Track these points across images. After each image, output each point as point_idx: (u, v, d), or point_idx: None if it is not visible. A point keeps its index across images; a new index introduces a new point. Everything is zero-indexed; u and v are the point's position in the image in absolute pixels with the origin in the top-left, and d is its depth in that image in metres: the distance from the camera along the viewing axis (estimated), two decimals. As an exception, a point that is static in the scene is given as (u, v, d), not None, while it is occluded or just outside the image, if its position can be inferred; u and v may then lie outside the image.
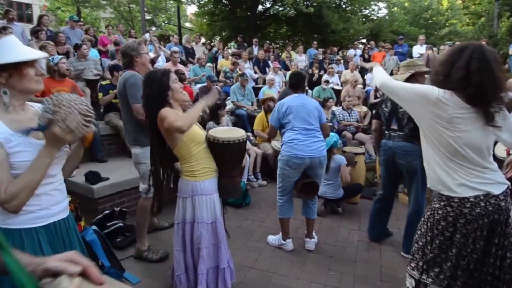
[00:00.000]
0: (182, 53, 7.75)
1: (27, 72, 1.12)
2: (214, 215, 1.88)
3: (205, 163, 1.86)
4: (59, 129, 1.05)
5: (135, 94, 2.35)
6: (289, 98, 2.80)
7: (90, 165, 3.70)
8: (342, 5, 14.51)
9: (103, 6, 18.42)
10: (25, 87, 1.14)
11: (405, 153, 2.54)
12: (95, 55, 5.97)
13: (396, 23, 15.36)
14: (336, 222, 3.42)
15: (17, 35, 5.57)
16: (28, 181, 1.06)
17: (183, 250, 1.92)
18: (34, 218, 1.16)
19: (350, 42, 12.58)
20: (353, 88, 6.97)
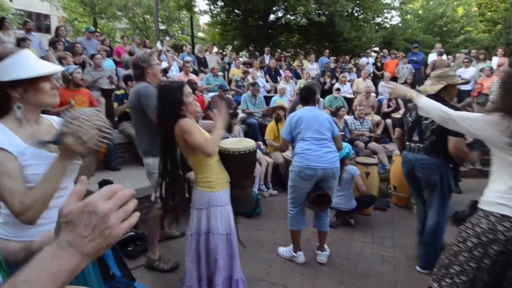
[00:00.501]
0: (195, 63, 7.88)
1: (42, 87, 1.13)
2: (229, 226, 1.89)
3: (219, 174, 1.88)
4: (71, 140, 1.06)
5: (150, 103, 2.38)
6: (300, 110, 2.81)
7: (104, 173, 3.77)
8: (354, 13, 14.51)
9: (119, 17, 19.03)
10: (41, 101, 1.15)
11: (424, 166, 2.46)
12: (110, 65, 6.14)
13: (410, 30, 15.20)
14: (349, 234, 3.34)
15: (35, 46, 5.83)
16: (42, 192, 1.07)
17: (196, 261, 1.91)
18: (45, 231, 1.13)
19: (363, 50, 12.53)
20: (366, 98, 6.90)
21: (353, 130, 5.70)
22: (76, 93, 3.87)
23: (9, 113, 1.11)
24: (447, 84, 2.39)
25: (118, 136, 4.43)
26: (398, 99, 7.24)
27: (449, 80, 2.40)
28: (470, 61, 7.70)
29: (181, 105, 1.80)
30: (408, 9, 16.88)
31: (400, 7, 15.99)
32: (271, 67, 8.43)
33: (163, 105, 1.81)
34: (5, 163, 1.04)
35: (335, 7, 12.22)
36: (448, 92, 2.42)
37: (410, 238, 3.11)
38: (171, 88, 1.83)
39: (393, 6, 15.64)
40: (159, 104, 1.84)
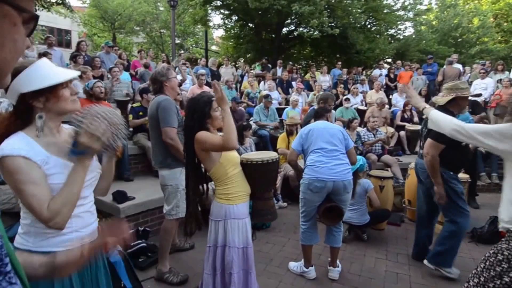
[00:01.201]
0: (208, 75, 8.05)
1: (62, 93, 1.14)
2: (246, 240, 1.87)
3: (239, 187, 1.87)
4: (85, 137, 1.07)
5: (166, 117, 2.45)
6: (312, 123, 2.84)
7: (117, 183, 3.84)
8: (367, 25, 14.53)
9: (137, 32, 19.79)
10: (62, 108, 1.16)
11: (422, 170, 2.67)
12: (126, 78, 6.36)
13: (424, 42, 15.04)
14: (361, 249, 3.25)
15: (56, 59, 6.12)
16: (68, 195, 1.07)
17: (213, 274, 1.91)
18: (65, 240, 1.15)
19: (375, 62, 12.45)
20: (379, 109, 6.83)
21: (366, 142, 5.61)
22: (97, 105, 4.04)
23: (32, 123, 1.13)
24: (456, 96, 2.43)
25: (132, 147, 4.53)
26: (413, 110, 7.13)
27: (458, 92, 2.44)
28: (486, 72, 7.53)
29: (207, 118, 1.85)
30: (422, 20, 16.74)
31: (414, 19, 15.86)
32: (283, 79, 8.51)
33: (191, 117, 1.85)
34: (30, 171, 1.04)
35: (348, 19, 12.29)
36: (458, 104, 2.48)
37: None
38: (201, 101, 1.87)
39: (407, 17, 15.56)
40: (187, 115, 1.89)
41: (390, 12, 14.34)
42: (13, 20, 0.45)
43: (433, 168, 2.48)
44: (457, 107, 2.52)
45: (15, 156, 1.03)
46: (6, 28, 0.44)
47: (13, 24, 0.45)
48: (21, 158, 1.04)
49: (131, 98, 5.65)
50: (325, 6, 11.41)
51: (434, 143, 2.44)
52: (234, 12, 13.57)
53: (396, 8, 14.74)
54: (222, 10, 13.81)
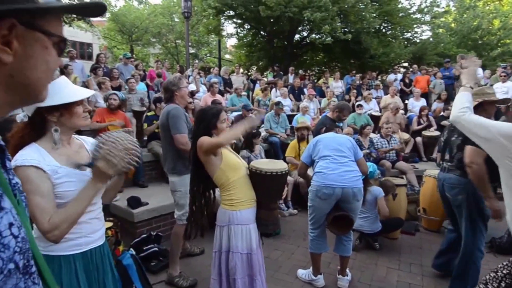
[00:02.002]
0: (221, 84, 8.22)
1: (76, 111, 1.24)
2: (250, 246, 1.87)
3: (243, 193, 1.89)
4: (102, 164, 1.14)
5: (176, 125, 2.55)
6: (320, 135, 2.87)
7: (132, 189, 3.98)
8: (382, 29, 14.34)
9: (153, 43, 20.50)
10: (74, 124, 1.26)
11: (451, 185, 2.41)
12: (142, 88, 6.59)
13: (442, 45, 14.61)
14: (373, 258, 3.19)
15: (78, 71, 6.45)
16: (72, 212, 1.12)
17: (219, 279, 1.94)
18: (74, 245, 1.23)
19: (391, 67, 12.25)
20: (393, 115, 6.71)
21: (379, 148, 5.51)
22: (114, 115, 4.27)
23: (45, 135, 1.22)
24: (483, 101, 2.27)
25: (146, 154, 4.67)
26: (429, 115, 6.95)
27: (485, 97, 2.28)
28: (507, 75, 7.25)
29: (213, 129, 1.91)
30: (440, 23, 16.34)
31: (431, 21, 15.51)
32: (295, 86, 8.54)
33: (198, 127, 1.93)
34: (39, 181, 1.11)
35: (362, 24, 12.20)
36: (485, 110, 2.27)
37: None
38: (210, 113, 1.95)
39: (424, 20, 15.23)
40: (195, 125, 1.97)
41: (405, 15, 14.09)
42: (44, 44, 0.51)
43: (481, 180, 2.12)
44: (484, 113, 2.26)
45: (27, 166, 1.11)
46: (39, 51, 0.51)
47: (45, 48, 0.52)
48: (32, 168, 1.11)
49: (147, 107, 5.84)
50: (337, 12, 11.39)
51: (477, 150, 2.08)
52: (246, 21, 13.79)
53: (412, 11, 14.48)
54: (234, 19, 14.08)
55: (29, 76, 0.51)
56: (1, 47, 0.46)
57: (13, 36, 0.47)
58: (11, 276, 0.45)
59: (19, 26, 0.47)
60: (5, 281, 0.44)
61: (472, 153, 2.12)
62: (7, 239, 0.44)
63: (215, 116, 1.94)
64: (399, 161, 5.51)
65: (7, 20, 0.46)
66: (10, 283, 0.45)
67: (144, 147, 4.81)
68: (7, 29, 0.46)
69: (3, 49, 0.46)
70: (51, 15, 0.53)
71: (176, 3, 18.82)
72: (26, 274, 0.50)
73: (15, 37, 0.47)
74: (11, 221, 0.46)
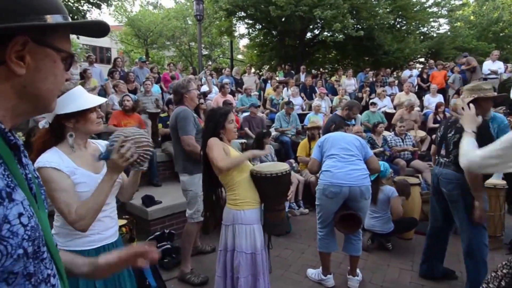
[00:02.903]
0: (233, 84, 8.29)
1: (90, 117, 1.36)
2: (254, 246, 1.90)
3: (248, 193, 1.92)
4: (116, 156, 1.25)
5: (184, 126, 2.62)
6: (329, 133, 2.87)
7: (147, 188, 4.09)
8: (396, 25, 14.00)
9: (167, 46, 20.92)
10: (88, 129, 1.37)
11: (447, 180, 2.42)
12: (157, 91, 6.76)
13: (460, 38, 14.09)
14: (385, 259, 3.14)
15: (96, 76, 6.68)
16: (93, 203, 1.23)
17: (223, 276, 1.98)
18: (87, 242, 1.33)
19: (406, 63, 11.93)
20: (408, 112, 6.55)
21: (393, 147, 5.40)
22: (129, 117, 4.42)
23: (64, 139, 1.34)
24: (478, 97, 2.27)
25: (160, 154, 4.80)
26: (446, 112, 6.73)
27: (481, 93, 2.28)
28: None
29: (221, 129, 1.98)
30: (458, 16, 15.76)
31: (449, 15, 14.98)
32: (306, 85, 8.49)
33: (207, 126, 2.02)
34: (60, 180, 1.23)
35: (374, 20, 11.95)
36: (480, 106, 2.24)
37: (456, 266, 2.83)
38: (218, 113, 2.04)
39: (441, 14, 14.72)
40: (205, 124, 2.05)
41: (421, 9, 13.69)
42: (53, 58, 0.58)
43: (476, 179, 2.17)
44: (480, 110, 2.25)
45: (48, 167, 1.22)
46: (48, 65, 0.58)
47: (53, 62, 0.59)
48: (53, 169, 1.23)
49: (161, 109, 5.99)
50: (349, 8, 11.22)
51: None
52: (257, 21, 13.83)
53: (428, 5, 14.05)
54: (246, 20, 14.14)
55: (40, 87, 0.58)
56: (15, 61, 0.53)
57: (26, 52, 0.54)
58: (19, 260, 0.51)
59: (31, 42, 0.54)
60: (14, 264, 0.50)
61: None
62: (16, 227, 0.50)
63: (223, 116, 2.01)
64: (414, 160, 5.38)
65: (21, 37, 0.52)
66: (18, 266, 0.51)
67: (158, 147, 4.94)
68: (21, 45, 0.53)
69: (17, 63, 0.53)
70: (59, 33, 0.59)
71: (189, 6, 19.10)
72: (37, 259, 0.56)
73: (27, 52, 0.54)
74: (21, 211, 0.51)
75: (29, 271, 0.54)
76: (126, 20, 20.15)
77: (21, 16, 0.52)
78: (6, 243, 0.48)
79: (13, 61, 0.53)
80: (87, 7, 11.22)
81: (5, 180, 0.50)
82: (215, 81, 8.50)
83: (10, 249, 0.49)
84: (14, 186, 0.52)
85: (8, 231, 0.48)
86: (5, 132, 0.55)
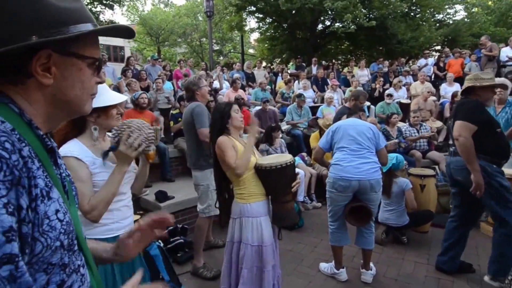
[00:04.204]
0: (243, 78, 8.27)
1: (111, 113, 1.42)
2: (261, 239, 1.91)
3: (254, 187, 1.94)
4: (124, 147, 1.30)
5: (201, 120, 2.66)
6: (341, 120, 2.78)
7: (160, 184, 4.18)
8: (410, 13, 13.51)
9: (179, 43, 21.08)
10: (108, 124, 1.44)
11: (458, 168, 2.43)
12: (169, 87, 6.83)
13: (478, 24, 13.46)
14: (400, 253, 3.08)
15: (109, 75, 6.81)
16: (105, 194, 1.29)
17: (229, 267, 2.02)
18: (107, 230, 1.39)
19: (421, 51, 11.52)
20: (424, 101, 6.34)
21: (408, 137, 5.24)
22: (141, 115, 4.49)
23: (84, 132, 1.41)
24: (474, 85, 2.33)
25: (173, 150, 4.86)
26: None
27: (477, 82, 2.32)
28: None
29: (227, 118, 2.02)
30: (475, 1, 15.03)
31: (465, 1, 14.32)
32: (318, 77, 8.36)
33: (214, 118, 2.07)
34: (79, 170, 1.29)
35: (387, 9, 11.58)
36: (478, 95, 2.36)
37: (474, 260, 2.74)
38: (224, 104, 2.13)
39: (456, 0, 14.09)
40: (212, 116, 2.11)
41: (436, -4, 13.16)
42: (78, 66, 0.61)
43: (468, 152, 2.25)
44: (480, 99, 2.38)
45: (69, 157, 1.28)
46: (74, 73, 0.60)
47: (79, 69, 0.61)
48: (74, 159, 1.29)
49: (173, 105, 6.06)
50: (360, -2, 10.94)
51: (465, 124, 2.26)
52: (267, 15, 13.69)
53: (443, -9, 13.49)
54: (256, 14, 14.03)
55: (68, 94, 0.61)
56: (41, 73, 0.56)
57: (51, 63, 0.57)
58: (56, 252, 0.56)
59: (55, 54, 0.57)
60: (52, 255, 0.56)
61: (460, 127, 2.26)
62: (54, 222, 0.55)
63: (227, 105, 2.07)
64: (431, 151, 5.22)
65: (44, 51, 0.55)
66: (56, 257, 0.57)
67: (171, 144, 5.01)
68: (46, 57, 0.56)
69: (44, 75, 0.57)
70: (85, 40, 0.61)
71: (200, 3, 19.15)
72: (70, 251, 0.61)
73: (53, 63, 0.57)
74: (57, 208, 0.56)
75: (64, 262, 0.59)
76: (138, 19, 20.40)
77: (45, 29, 0.54)
78: (46, 236, 0.53)
79: (39, 73, 0.56)
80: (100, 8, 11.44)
81: (44, 181, 0.55)
82: (225, 76, 8.49)
83: (49, 241, 0.54)
84: (51, 185, 0.57)
85: (48, 225, 0.54)
86: (43, 138, 0.60)
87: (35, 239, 0.51)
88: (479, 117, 2.29)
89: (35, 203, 0.52)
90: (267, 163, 1.90)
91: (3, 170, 0.46)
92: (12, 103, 0.56)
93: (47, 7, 0.55)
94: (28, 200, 0.50)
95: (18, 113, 0.57)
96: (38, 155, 0.57)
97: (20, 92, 0.57)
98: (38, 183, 0.53)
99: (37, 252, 0.52)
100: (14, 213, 0.46)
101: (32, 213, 0.51)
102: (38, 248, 0.52)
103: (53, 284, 0.57)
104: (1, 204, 0.45)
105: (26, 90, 0.57)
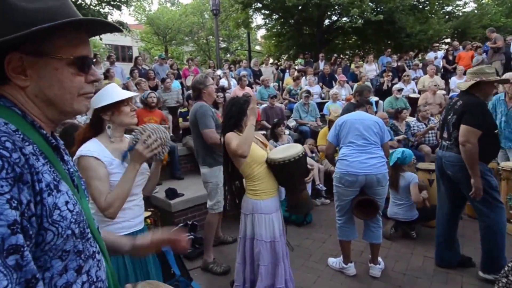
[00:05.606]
0: (250, 76, 8.28)
1: (123, 109, 1.46)
2: (273, 235, 1.95)
3: (266, 184, 1.97)
4: (141, 147, 1.37)
5: (204, 121, 2.69)
6: (348, 114, 2.78)
7: (170, 182, 4.25)
8: (418, 5, 13.24)
9: (186, 42, 21.20)
10: (122, 121, 1.48)
11: (451, 163, 2.45)
12: (177, 86, 6.91)
13: (488, 16, 13.10)
14: (409, 247, 3.08)
15: (118, 75, 6.92)
16: (119, 191, 1.34)
17: (243, 263, 2.05)
18: (119, 228, 1.45)
19: (430, 44, 11.31)
20: (432, 95, 6.25)
21: (417, 133, 5.19)
22: (151, 114, 4.58)
23: (102, 132, 1.47)
24: (480, 80, 2.30)
25: (182, 148, 4.94)
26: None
27: (483, 77, 2.30)
28: None
29: (244, 115, 2.01)
30: (486, -9, 14.63)
31: (476, -9, 13.98)
32: (325, 73, 8.30)
33: (230, 111, 2.05)
34: (98, 169, 1.35)
35: (394, 2, 11.38)
36: (480, 90, 2.34)
37: (474, 254, 2.72)
38: (241, 100, 2.08)
39: (466, -9, 13.78)
40: (227, 110, 2.09)
41: (445, -12, 12.87)
42: (54, 66, 0.60)
43: (473, 158, 2.26)
44: (481, 93, 2.36)
45: (89, 156, 1.35)
46: (50, 72, 0.60)
47: (55, 69, 0.60)
48: (93, 158, 1.35)
49: (181, 104, 6.13)
50: (368, -8, 10.78)
51: (473, 130, 2.24)
52: (273, 11, 13.64)
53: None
54: (262, 11, 13.99)
55: (47, 93, 0.61)
56: (15, 76, 0.57)
57: (25, 65, 0.58)
58: (69, 239, 0.60)
59: (26, 56, 0.57)
60: (65, 242, 0.59)
61: (468, 132, 2.25)
62: (65, 213, 0.59)
63: (245, 102, 2.03)
64: (440, 146, 5.15)
65: (13, 54, 0.56)
66: (69, 244, 0.60)
67: (180, 142, 5.08)
68: (18, 60, 0.57)
69: (18, 77, 0.58)
70: (62, 39, 0.60)
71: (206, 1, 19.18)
72: (83, 238, 0.65)
73: (27, 65, 0.58)
74: (67, 199, 0.60)
75: (79, 249, 0.63)
76: (145, 19, 20.58)
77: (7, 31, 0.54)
78: (57, 225, 0.57)
79: (13, 76, 0.57)
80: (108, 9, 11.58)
81: (52, 175, 0.59)
82: (233, 74, 8.52)
83: (60, 230, 0.58)
84: (59, 179, 0.60)
85: (59, 215, 0.58)
86: (47, 137, 0.62)
87: (45, 229, 0.55)
88: (486, 122, 2.31)
89: (40, 196, 0.54)
90: (281, 157, 1.91)
91: (5, 168, 0.49)
92: (14, 106, 0.59)
93: (11, 10, 0.55)
94: (31, 194, 0.53)
95: (21, 114, 0.59)
96: (43, 152, 0.59)
97: (13, 93, 0.59)
98: (44, 177, 0.56)
99: (48, 240, 0.56)
100: (18, 207, 0.50)
101: (38, 206, 0.54)
102: (50, 236, 0.56)
103: (71, 270, 0.61)
104: (5, 200, 0.48)
105: (12, 91, 0.59)
